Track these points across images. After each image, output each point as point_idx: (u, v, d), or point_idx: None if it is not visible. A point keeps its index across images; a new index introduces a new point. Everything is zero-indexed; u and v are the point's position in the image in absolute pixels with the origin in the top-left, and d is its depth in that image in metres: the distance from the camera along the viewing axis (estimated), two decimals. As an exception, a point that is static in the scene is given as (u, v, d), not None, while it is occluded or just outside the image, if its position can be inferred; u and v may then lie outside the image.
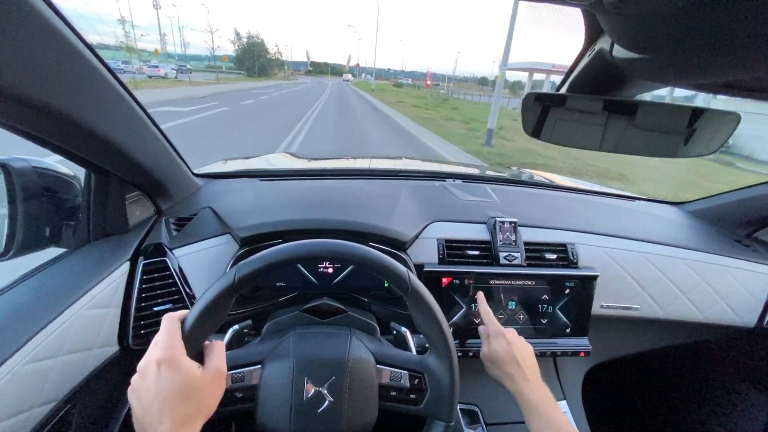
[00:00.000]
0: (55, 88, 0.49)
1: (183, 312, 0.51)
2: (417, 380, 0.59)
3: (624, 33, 0.39)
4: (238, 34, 65.34)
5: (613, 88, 0.59)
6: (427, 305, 0.54)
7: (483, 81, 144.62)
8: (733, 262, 1.06)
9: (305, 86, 47.13)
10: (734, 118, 0.60)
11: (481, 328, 0.81)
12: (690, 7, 0.30)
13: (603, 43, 0.51)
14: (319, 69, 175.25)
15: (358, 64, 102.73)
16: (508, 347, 0.73)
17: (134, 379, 0.47)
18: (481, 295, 0.85)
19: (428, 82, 59.58)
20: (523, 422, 0.93)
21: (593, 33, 0.52)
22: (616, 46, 0.47)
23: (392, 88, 52.37)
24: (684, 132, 0.62)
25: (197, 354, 0.50)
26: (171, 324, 0.49)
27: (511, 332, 0.76)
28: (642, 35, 0.37)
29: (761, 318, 1.04)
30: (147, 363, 0.46)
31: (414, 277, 0.54)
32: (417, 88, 61.58)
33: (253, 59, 61.72)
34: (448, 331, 0.56)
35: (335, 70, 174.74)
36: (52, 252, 0.78)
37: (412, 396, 0.59)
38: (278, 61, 74.39)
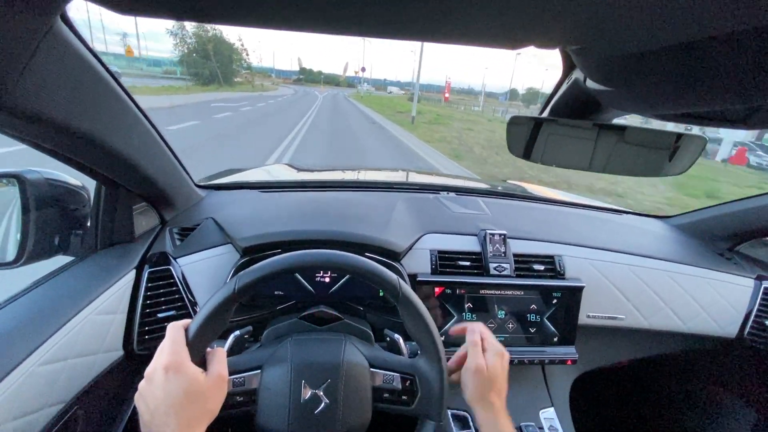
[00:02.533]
0: (83, 111, 0.54)
1: (186, 321, 0.54)
2: (408, 382, 0.63)
3: (590, 69, 0.44)
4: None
5: (590, 112, 0.64)
6: (417, 311, 0.58)
7: (513, 95, 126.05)
8: (715, 274, 1.10)
9: (274, 104, 23.46)
10: (702, 141, 0.65)
11: (471, 336, 0.68)
12: (645, 52, 0.35)
13: (578, 74, 0.56)
14: (311, 77, 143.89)
15: (363, 69, 78.79)
16: (504, 372, 0.65)
17: (141, 384, 0.50)
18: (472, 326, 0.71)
19: (446, 95, 48.84)
20: (514, 428, 0.96)
21: (569, 64, 0.57)
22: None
23: (419, 107, 33.43)
24: (669, 149, 0.66)
25: (200, 360, 0.53)
26: (176, 332, 0.52)
27: (507, 357, 0.67)
28: (605, 72, 0.42)
29: (741, 329, 1.08)
30: (154, 369, 0.49)
31: (404, 285, 0.57)
32: (438, 104, 46.31)
33: (203, 61, 38.02)
34: (437, 335, 0.60)
35: (329, 79, 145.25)
36: (60, 261, 0.82)
37: (404, 397, 0.63)
38: (242, 63, 47.29)
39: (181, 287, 0.85)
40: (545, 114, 0.71)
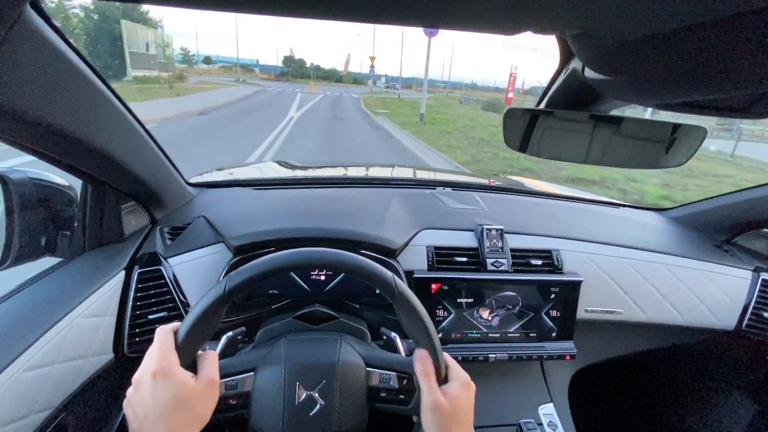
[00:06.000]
0: (58, 105, 0.51)
1: (175, 324, 0.52)
2: (405, 381, 0.61)
3: (589, 57, 0.43)
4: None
5: (588, 104, 0.63)
6: (413, 308, 0.56)
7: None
8: (713, 266, 1.10)
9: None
10: (702, 132, 0.63)
11: (420, 366, 0.56)
12: (646, 38, 0.33)
13: (576, 63, 0.54)
14: (300, 71, 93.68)
15: (373, 60, 38.24)
16: (470, 406, 0.56)
17: (129, 391, 0.48)
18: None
19: (509, 95, 26.77)
20: (513, 425, 0.95)
21: (567, 54, 0.55)
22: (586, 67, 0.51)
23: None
24: (666, 141, 0.65)
25: (191, 364, 0.51)
26: (164, 336, 0.50)
27: (473, 388, 0.58)
28: (604, 60, 0.41)
29: (740, 321, 1.08)
30: (142, 375, 0.47)
31: (400, 282, 0.56)
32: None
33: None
34: (435, 332, 0.58)
35: (327, 75, 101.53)
36: (48, 262, 0.80)
37: (401, 396, 0.61)
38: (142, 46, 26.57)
39: (172, 288, 0.83)
40: (542, 106, 0.69)
